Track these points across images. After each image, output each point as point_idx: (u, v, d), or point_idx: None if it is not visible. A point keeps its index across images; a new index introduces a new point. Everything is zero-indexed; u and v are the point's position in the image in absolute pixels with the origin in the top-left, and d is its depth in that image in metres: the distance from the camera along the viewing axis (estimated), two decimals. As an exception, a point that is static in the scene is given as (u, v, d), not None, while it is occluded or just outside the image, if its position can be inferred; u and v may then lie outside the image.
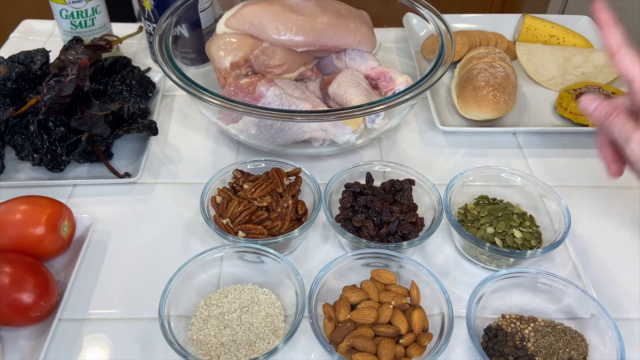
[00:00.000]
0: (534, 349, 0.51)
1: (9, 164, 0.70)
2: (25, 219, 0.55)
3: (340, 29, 0.72)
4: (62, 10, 0.82)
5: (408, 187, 0.62)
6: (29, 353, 0.51)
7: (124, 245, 0.62)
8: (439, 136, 0.78)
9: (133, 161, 0.72)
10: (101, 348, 0.53)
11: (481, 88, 0.76)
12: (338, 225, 0.58)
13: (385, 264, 0.56)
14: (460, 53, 0.88)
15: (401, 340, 0.49)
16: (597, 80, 0.85)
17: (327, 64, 0.80)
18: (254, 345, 0.51)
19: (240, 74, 0.72)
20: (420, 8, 0.79)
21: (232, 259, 0.57)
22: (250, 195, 0.60)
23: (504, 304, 0.55)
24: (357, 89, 0.70)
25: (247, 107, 0.60)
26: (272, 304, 0.55)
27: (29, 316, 0.51)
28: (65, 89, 0.66)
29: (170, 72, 0.65)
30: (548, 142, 0.77)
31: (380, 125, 0.69)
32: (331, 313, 0.51)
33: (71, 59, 0.70)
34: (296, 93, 0.72)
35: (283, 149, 0.71)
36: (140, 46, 0.94)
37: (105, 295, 0.57)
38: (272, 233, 0.58)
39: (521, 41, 0.94)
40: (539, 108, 0.83)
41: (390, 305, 0.51)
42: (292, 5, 0.72)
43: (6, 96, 0.70)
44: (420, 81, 0.65)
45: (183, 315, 0.53)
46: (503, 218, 0.60)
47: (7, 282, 0.50)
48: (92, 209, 0.65)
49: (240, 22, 0.71)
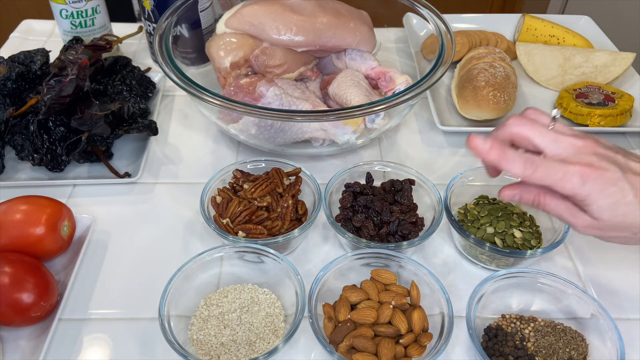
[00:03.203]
0: (534, 349, 0.51)
1: (9, 164, 0.70)
2: (25, 219, 0.55)
3: (340, 29, 0.72)
4: (62, 10, 0.82)
5: (408, 187, 0.62)
6: (29, 353, 0.51)
7: (124, 245, 0.62)
8: (439, 136, 0.78)
9: (133, 161, 0.72)
10: (101, 348, 0.53)
11: (481, 88, 0.76)
12: (338, 225, 0.58)
13: (385, 264, 0.56)
14: (460, 53, 0.88)
15: (401, 340, 0.49)
16: (597, 80, 0.85)
17: (327, 64, 0.80)
18: (254, 345, 0.51)
19: (240, 74, 0.72)
20: (420, 8, 0.79)
21: (232, 259, 0.57)
22: (250, 195, 0.60)
23: (504, 304, 0.55)
24: (357, 89, 0.70)
25: (247, 107, 0.60)
26: (272, 304, 0.55)
27: (29, 316, 0.51)
28: (65, 89, 0.66)
29: (170, 72, 0.65)
30: (548, 142, 0.77)
31: (380, 125, 0.69)
32: (331, 313, 0.51)
33: (71, 59, 0.70)
34: (296, 93, 0.72)
35: (283, 149, 0.71)
36: (140, 46, 0.94)
37: (105, 295, 0.57)
38: (272, 233, 0.58)
39: (521, 41, 0.94)
40: (539, 108, 0.83)
41: (390, 305, 0.51)
42: (292, 5, 0.72)
43: (6, 96, 0.70)
44: (420, 81, 0.65)
45: (183, 315, 0.53)
46: (503, 218, 0.60)
47: (7, 282, 0.50)
48: (92, 209, 0.65)
49: (240, 22, 0.71)
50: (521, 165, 0.46)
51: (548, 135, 0.47)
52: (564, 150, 0.46)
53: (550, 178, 0.45)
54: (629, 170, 0.46)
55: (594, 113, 0.76)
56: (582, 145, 0.46)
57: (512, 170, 0.46)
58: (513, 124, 0.48)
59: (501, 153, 0.47)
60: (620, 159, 0.46)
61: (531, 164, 0.46)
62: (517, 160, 0.46)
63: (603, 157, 0.46)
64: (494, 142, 0.47)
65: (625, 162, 0.46)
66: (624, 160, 0.46)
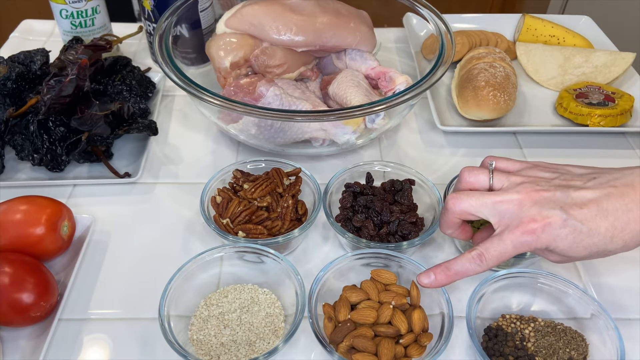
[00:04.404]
0: (534, 349, 0.51)
1: (9, 164, 0.70)
2: (25, 219, 0.55)
3: (340, 29, 0.72)
4: (62, 10, 0.82)
5: (408, 187, 0.62)
6: (29, 353, 0.51)
7: (124, 245, 0.62)
8: (439, 136, 0.78)
9: (133, 161, 0.72)
10: (101, 348, 0.53)
11: (481, 88, 0.76)
12: (338, 225, 0.58)
13: (385, 264, 0.56)
14: (460, 53, 0.88)
15: (401, 340, 0.49)
16: (597, 80, 0.85)
17: (327, 64, 0.80)
18: (254, 345, 0.51)
19: (240, 74, 0.72)
20: (420, 8, 0.79)
21: (232, 259, 0.57)
22: (250, 195, 0.60)
23: (504, 304, 0.55)
24: (357, 89, 0.70)
25: (247, 107, 0.60)
26: (272, 304, 0.55)
27: (29, 316, 0.51)
28: (65, 89, 0.66)
29: (170, 72, 0.65)
30: (548, 142, 0.77)
31: (380, 125, 0.69)
32: (331, 313, 0.51)
33: (71, 59, 0.70)
34: (296, 93, 0.72)
35: (283, 149, 0.71)
36: (140, 46, 0.94)
37: (105, 295, 0.57)
38: (272, 233, 0.58)
39: (521, 41, 0.94)
40: (539, 108, 0.83)
41: (390, 305, 0.51)
42: (292, 5, 0.72)
43: (6, 96, 0.70)
44: (420, 81, 0.65)
45: (183, 315, 0.53)
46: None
47: (7, 282, 0.50)
48: (92, 209, 0.65)
49: (240, 22, 0.71)
50: (472, 266, 0.47)
51: (485, 205, 0.48)
52: (505, 214, 0.47)
53: (505, 256, 0.46)
54: (572, 204, 0.45)
55: (594, 113, 0.76)
56: (521, 199, 0.46)
57: (470, 274, 0.47)
58: (453, 206, 0.49)
59: (446, 274, 0.48)
60: (559, 197, 0.46)
61: (479, 258, 0.47)
62: (466, 265, 0.47)
63: (543, 205, 0.46)
64: (435, 270, 0.48)
65: (565, 198, 0.46)
66: (563, 196, 0.46)
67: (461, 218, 0.50)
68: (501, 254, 0.46)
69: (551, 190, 0.47)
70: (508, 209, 0.47)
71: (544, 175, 0.49)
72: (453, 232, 0.52)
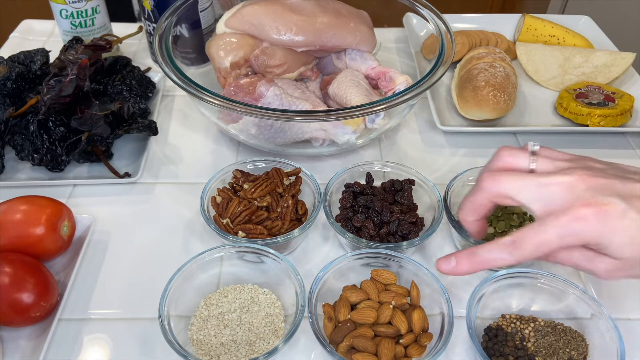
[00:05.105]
0: (534, 349, 0.51)
1: (9, 164, 0.70)
2: (25, 219, 0.55)
3: (340, 29, 0.72)
4: (62, 10, 0.82)
5: (408, 187, 0.62)
6: (29, 353, 0.51)
7: (124, 245, 0.62)
8: (439, 136, 0.78)
9: (133, 161, 0.72)
10: (101, 348, 0.53)
11: (481, 88, 0.76)
12: (338, 225, 0.58)
13: (385, 264, 0.56)
14: (460, 53, 0.88)
15: (401, 340, 0.49)
16: (597, 80, 0.85)
17: (327, 64, 0.80)
18: (254, 345, 0.51)
19: (240, 74, 0.72)
20: (420, 8, 0.79)
21: (232, 259, 0.57)
22: (250, 195, 0.60)
23: (504, 304, 0.55)
24: (357, 89, 0.70)
25: (247, 107, 0.60)
26: (272, 304, 0.55)
27: (29, 316, 0.51)
28: (65, 89, 0.66)
29: (170, 72, 0.65)
30: (548, 142, 0.76)
31: (380, 125, 0.69)
32: (331, 313, 0.51)
33: (71, 59, 0.70)
34: (296, 93, 0.72)
35: (283, 149, 0.71)
36: (140, 46, 0.94)
37: (105, 295, 0.57)
38: (272, 233, 0.58)
39: (521, 41, 0.94)
40: (539, 108, 0.83)
41: (390, 305, 0.51)
42: (292, 5, 0.72)
43: (6, 96, 0.70)
44: (420, 81, 0.65)
45: (183, 315, 0.53)
46: (503, 218, 0.60)
47: (7, 282, 0.50)
48: (92, 209, 0.65)
49: (240, 22, 0.71)
50: (502, 255, 0.40)
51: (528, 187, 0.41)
52: (551, 200, 0.39)
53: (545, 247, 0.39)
54: (632, 196, 0.39)
55: (594, 113, 0.76)
56: (573, 181, 0.39)
57: (498, 264, 0.41)
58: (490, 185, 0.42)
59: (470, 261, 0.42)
60: (619, 186, 0.39)
61: (512, 246, 0.40)
62: (495, 253, 0.40)
63: (598, 190, 0.39)
64: (457, 255, 0.43)
65: (624, 187, 0.39)
66: (623, 185, 0.39)
67: (496, 202, 0.43)
68: (540, 244, 0.39)
69: (609, 177, 0.39)
70: (556, 192, 0.39)
71: (595, 165, 0.42)
72: (473, 223, 0.44)
